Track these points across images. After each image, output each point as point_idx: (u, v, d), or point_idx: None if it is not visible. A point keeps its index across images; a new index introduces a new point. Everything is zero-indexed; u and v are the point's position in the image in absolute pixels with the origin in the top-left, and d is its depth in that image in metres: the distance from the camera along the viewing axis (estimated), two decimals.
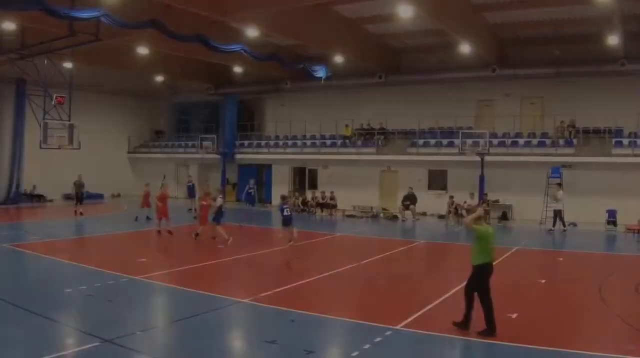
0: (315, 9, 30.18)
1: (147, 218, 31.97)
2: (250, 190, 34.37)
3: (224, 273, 19.60)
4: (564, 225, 31.07)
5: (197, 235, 26.02)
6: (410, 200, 36.35)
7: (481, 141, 34.63)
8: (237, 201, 44.41)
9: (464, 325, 12.40)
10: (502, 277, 18.97)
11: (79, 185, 36.35)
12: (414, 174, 39.39)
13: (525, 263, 22.45)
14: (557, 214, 30.92)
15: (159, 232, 27.39)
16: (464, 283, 12.82)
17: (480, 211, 13.26)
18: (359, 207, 39.79)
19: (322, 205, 39.39)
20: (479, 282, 12.47)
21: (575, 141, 34.71)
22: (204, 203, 26.50)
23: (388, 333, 12.10)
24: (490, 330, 12.13)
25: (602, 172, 33.42)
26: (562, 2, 29.01)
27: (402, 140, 41.30)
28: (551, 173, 33.13)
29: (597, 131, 35.17)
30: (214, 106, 53.87)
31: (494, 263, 12.68)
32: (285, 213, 23.51)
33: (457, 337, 12.04)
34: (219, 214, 25.50)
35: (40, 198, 44.45)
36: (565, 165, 33.97)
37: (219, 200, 25.84)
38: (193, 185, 39.34)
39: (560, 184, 31.79)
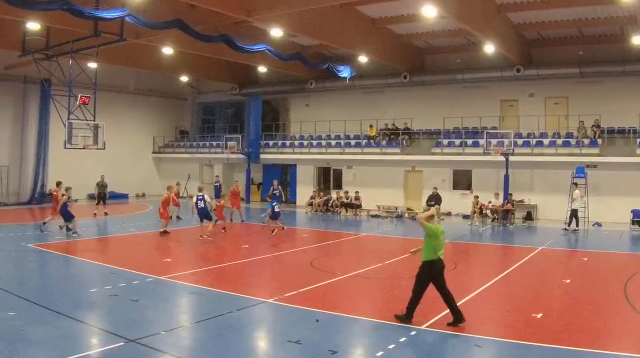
0: (339, 9, 30.37)
1: (178, 217, 32.30)
2: (275, 191, 34.42)
3: (248, 273, 19.65)
4: (569, 225, 30.98)
5: (223, 228, 28.14)
6: (434, 200, 36.26)
7: (506, 141, 34.50)
8: (262, 201, 44.54)
9: (406, 319, 12.87)
10: (527, 277, 19.04)
11: (101, 185, 36.50)
12: (439, 174, 39.36)
13: (550, 263, 22.38)
14: (574, 214, 30.83)
15: (161, 232, 27.38)
16: (487, 284, 12.84)
17: (432, 210, 13.89)
18: (383, 207, 39.79)
19: (347, 205, 39.44)
20: (428, 277, 12.92)
21: (599, 141, 34.50)
22: (219, 203, 28.95)
23: (413, 333, 12.10)
24: (457, 318, 12.69)
25: (626, 172, 33.26)
26: (586, 2, 28.88)
27: (426, 140, 41.27)
28: (576, 173, 32.99)
29: (621, 131, 34.99)
30: (239, 106, 54.33)
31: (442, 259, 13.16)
32: (275, 209, 27.68)
33: (481, 336, 12.03)
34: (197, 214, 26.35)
35: None
36: (590, 165, 33.82)
37: (194, 199, 26.26)
38: (220, 185, 39.52)
39: (576, 184, 31.65)
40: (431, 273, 12.90)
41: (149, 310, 14.12)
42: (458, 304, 12.87)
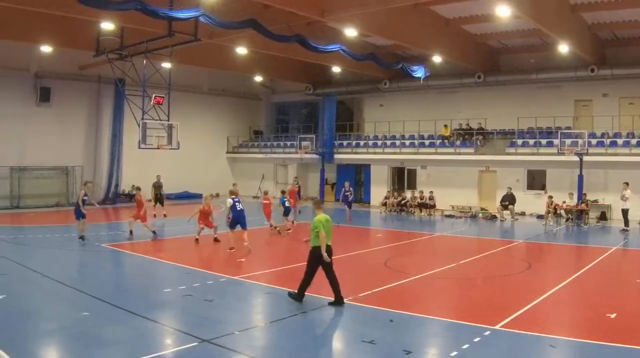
0: (413, 9, 30.33)
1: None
2: (346, 193, 34.69)
3: (321, 273, 19.93)
4: (626, 225, 30.63)
5: (274, 227, 28.42)
6: (509, 200, 36.17)
7: (580, 141, 34.12)
8: (336, 201, 44.71)
9: (299, 298, 14.75)
10: (601, 277, 19.01)
11: (157, 186, 36.66)
12: (513, 174, 39.09)
13: (624, 263, 22.33)
14: (624, 213, 30.53)
15: (196, 240, 25.37)
16: (561, 284, 12.94)
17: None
18: (457, 207, 39.85)
19: (421, 205, 39.45)
20: (315, 260, 14.71)
21: None
22: (266, 201, 28.81)
23: (487, 333, 12.19)
24: (337, 300, 14.45)
25: None
26: None
27: (500, 140, 41.03)
28: None
29: None
30: (313, 106, 54.70)
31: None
32: (286, 204, 28.58)
33: (555, 336, 12.09)
34: (231, 218, 23.05)
35: None
36: None
37: (229, 201, 23.28)
38: (299, 186, 39.73)
39: (627, 183, 31.22)
40: (318, 257, 14.53)
41: (223, 310, 14.44)
42: (533, 304, 13.04)
